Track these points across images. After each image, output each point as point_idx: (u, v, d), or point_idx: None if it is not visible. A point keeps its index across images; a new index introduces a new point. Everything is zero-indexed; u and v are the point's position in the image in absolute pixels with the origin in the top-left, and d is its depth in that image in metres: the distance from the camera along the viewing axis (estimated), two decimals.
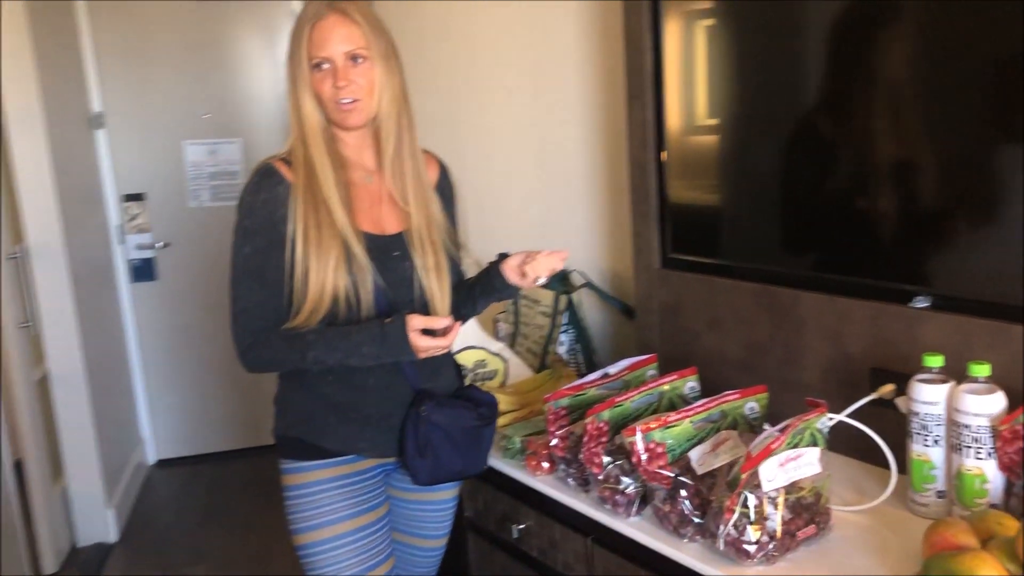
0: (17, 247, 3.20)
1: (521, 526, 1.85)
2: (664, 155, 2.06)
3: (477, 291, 1.78)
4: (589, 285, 2.41)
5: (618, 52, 2.32)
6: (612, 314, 2.49)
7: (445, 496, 1.83)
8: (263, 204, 1.61)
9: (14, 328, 3.07)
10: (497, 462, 1.87)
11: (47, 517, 3.24)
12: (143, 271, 4.22)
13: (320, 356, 1.60)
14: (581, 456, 1.65)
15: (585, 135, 2.53)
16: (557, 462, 1.72)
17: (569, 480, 1.70)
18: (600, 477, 1.58)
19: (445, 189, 1.82)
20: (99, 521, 3.52)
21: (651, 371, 1.83)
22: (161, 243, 4.21)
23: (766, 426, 1.59)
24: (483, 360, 2.21)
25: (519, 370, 2.25)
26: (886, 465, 1.64)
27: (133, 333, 4.26)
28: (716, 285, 1.98)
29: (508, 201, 2.86)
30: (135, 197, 4.16)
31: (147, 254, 4.22)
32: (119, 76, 4.06)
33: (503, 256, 1.77)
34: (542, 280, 1.70)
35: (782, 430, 1.40)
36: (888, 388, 1.62)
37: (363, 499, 1.69)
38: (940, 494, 1.48)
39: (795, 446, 1.40)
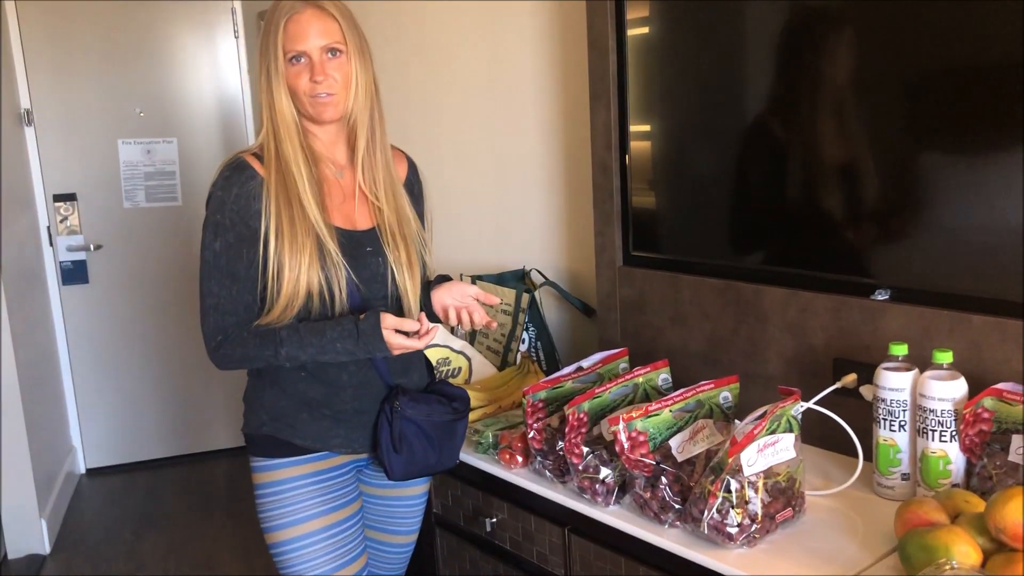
0: None
1: (494, 519, 1.87)
2: (628, 157, 2.11)
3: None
4: (549, 284, 2.44)
5: (577, 53, 2.37)
6: (570, 312, 2.53)
7: (416, 492, 1.83)
8: (235, 199, 1.59)
9: None
10: (468, 457, 1.88)
11: None
12: (74, 274, 4.09)
13: (293, 352, 1.59)
14: (560, 447, 1.67)
15: (542, 136, 2.56)
16: (534, 454, 1.73)
17: (546, 472, 1.72)
18: (580, 467, 1.61)
19: (414, 185, 1.83)
20: (32, 532, 3.39)
21: (623, 364, 1.87)
22: (93, 245, 4.09)
23: (736, 421, 1.64)
24: (447, 357, 2.22)
25: (482, 368, 2.26)
26: (848, 452, 1.72)
27: (63, 338, 4.12)
28: (679, 281, 2.03)
29: (463, 202, 2.87)
30: (66, 197, 4.04)
31: (78, 256, 4.09)
32: (48, 72, 3.94)
33: (442, 278, 1.79)
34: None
35: (760, 417, 1.45)
36: (851, 377, 1.69)
37: (336, 496, 1.68)
38: (905, 476, 1.55)
39: (772, 432, 1.45)
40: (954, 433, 1.47)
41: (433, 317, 1.74)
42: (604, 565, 1.62)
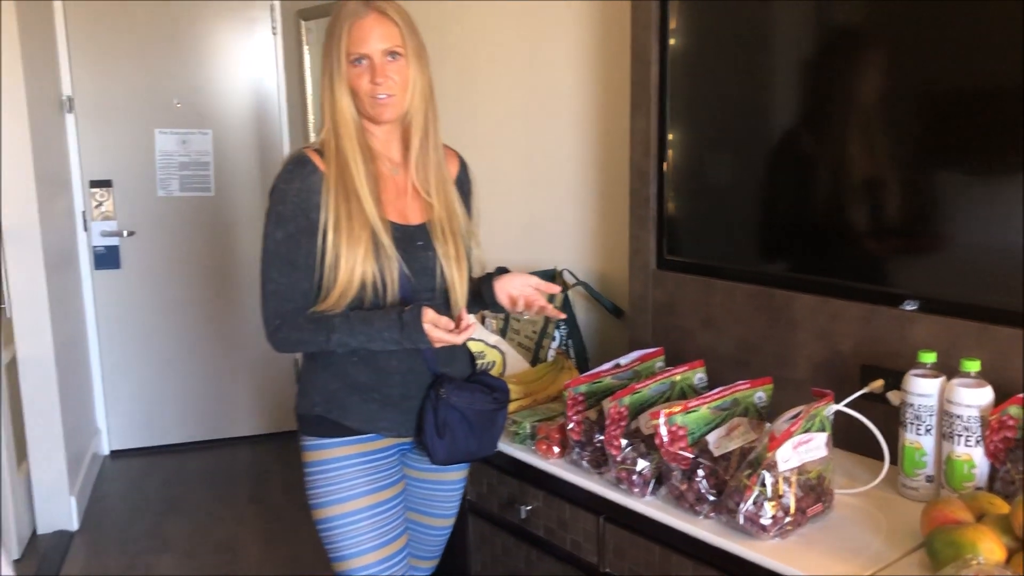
0: None
1: (528, 507, 1.94)
2: (665, 164, 2.18)
3: (469, 296, 1.86)
4: (581, 284, 2.51)
5: (615, 62, 2.45)
6: (598, 313, 2.60)
7: (456, 477, 1.91)
8: (296, 192, 1.68)
9: None
10: (505, 446, 1.95)
11: (11, 502, 3.20)
12: (107, 259, 4.18)
13: (344, 339, 1.67)
14: (598, 439, 1.75)
15: (576, 141, 2.64)
16: (572, 445, 1.81)
17: (583, 463, 1.79)
18: (618, 459, 1.68)
19: (464, 183, 1.91)
20: (61, 508, 3.48)
21: (659, 363, 1.94)
22: (126, 231, 4.18)
23: (767, 424, 1.71)
24: (481, 351, 2.30)
25: (515, 362, 2.34)
26: (872, 455, 1.78)
27: (93, 321, 4.21)
28: (712, 286, 2.10)
29: (496, 202, 2.94)
30: (102, 183, 4.13)
31: (111, 242, 4.18)
32: (90, 61, 4.03)
33: (501, 270, 1.87)
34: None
35: (796, 416, 1.52)
36: (878, 383, 1.76)
37: (381, 476, 1.76)
38: (929, 478, 1.62)
39: (807, 431, 1.53)
40: (979, 438, 1.54)
41: (497, 307, 1.81)
42: (638, 553, 1.70)
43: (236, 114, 4.28)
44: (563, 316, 1.79)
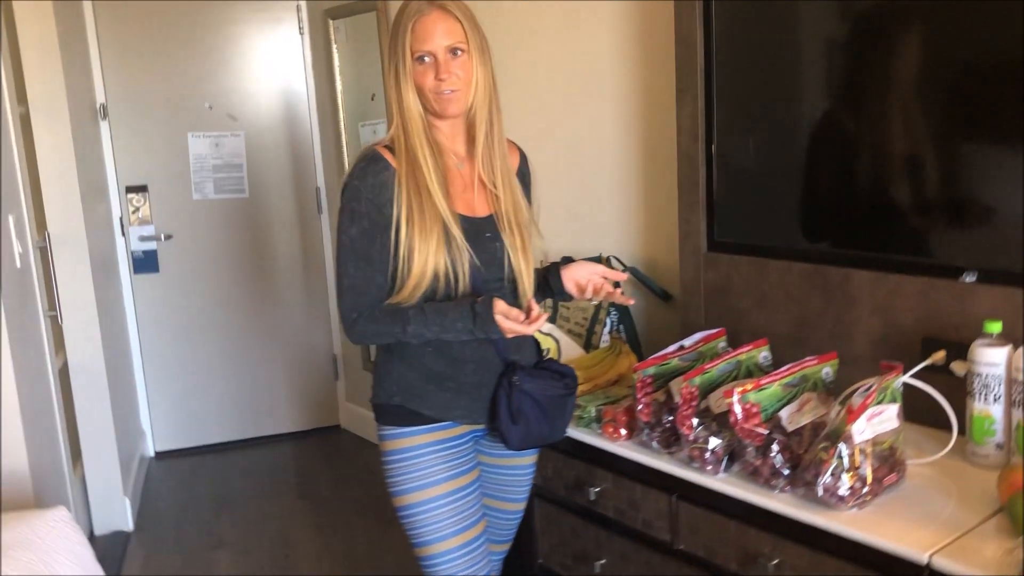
0: (40, 237, 3.22)
1: (597, 488, 1.98)
2: (713, 147, 2.21)
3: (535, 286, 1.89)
4: (629, 270, 2.55)
5: (657, 47, 2.48)
6: (645, 298, 2.63)
7: (527, 461, 1.95)
8: (370, 189, 1.72)
9: (43, 317, 3.09)
10: (570, 430, 2.00)
11: (70, 505, 3.26)
12: (145, 263, 4.24)
13: (418, 330, 1.71)
14: (666, 420, 1.79)
15: (619, 127, 2.67)
16: (641, 427, 1.85)
17: (653, 443, 1.83)
18: (690, 438, 1.72)
19: (525, 175, 1.95)
20: (117, 509, 3.55)
21: (721, 343, 1.98)
22: (163, 235, 4.23)
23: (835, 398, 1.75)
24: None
25: (569, 349, 2.38)
26: (937, 425, 1.81)
27: (134, 325, 4.27)
28: (765, 266, 2.14)
29: (541, 190, 2.98)
30: (138, 189, 4.18)
31: (149, 246, 4.24)
32: (122, 68, 4.08)
33: (567, 260, 1.91)
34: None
35: (870, 389, 1.56)
36: (940, 355, 1.79)
37: (458, 463, 1.81)
38: (999, 446, 1.65)
39: (879, 403, 1.56)
40: None
41: (564, 295, 1.85)
42: (712, 529, 1.74)
43: (267, 115, 4.33)
44: (631, 302, 1.83)
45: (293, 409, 4.56)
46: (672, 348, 1.91)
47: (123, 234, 4.21)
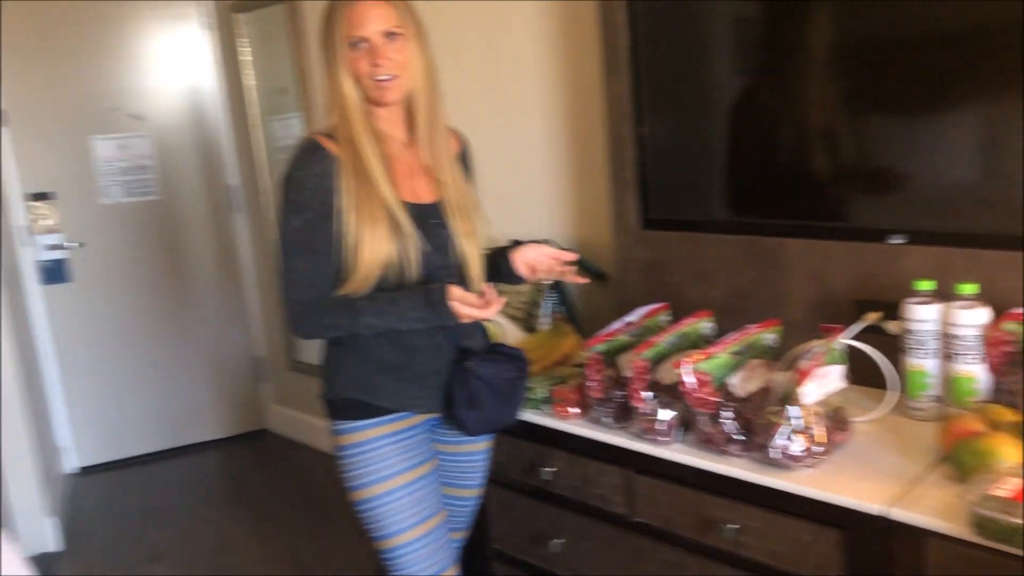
0: None
1: (551, 469, 2.00)
2: (642, 127, 2.25)
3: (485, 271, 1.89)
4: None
5: (583, 27, 2.50)
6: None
7: (482, 447, 1.95)
8: (312, 178, 1.68)
9: None
10: (521, 413, 2.00)
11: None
12: (55, 273, 4.06)
13: (371, 321, 1.69)
14: (617, 395, 1.82)
15: (544, 112, 2.69)
16: (592, 404, 1.87)
17: (605, 419, 1.85)
18: (643, 411, 1.75)
19: (466, 160, 1.94)
20: (42, 530, 3.40)
21: (664, 317, 2.01)
22: (76, 243, 4.06)
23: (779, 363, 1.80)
24: None
25: (512, 332, 2.39)
26: (873, 384, 1.88)
27: (49, 338, 4.10)
28: (699, 240, 2.19)
29: None
30: (42, 196, 4.00)
31: (58, 255, 4.06)
32: (21, 71, 3.89)
33: (516, 243, 1.91)
34: (547, 281, 1.86)
35: (815, 352, 1.61)
36: (875, 315, 1.87)
37: (415, 453, 1.79)
38: (935, 398, 1.73)
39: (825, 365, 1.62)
40: (980, 355, 1.65)
41: (515, 279, 1.86)
42: (670, 499, 1.77)
43: (174, 114, 4.20)
44: (585, 280, 1.85)
45: (218, 415, 4.45)
46: (619, 324, 1.94)
47: (27, 244, 4.02)
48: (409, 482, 1.77)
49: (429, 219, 1.76)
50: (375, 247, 1.68)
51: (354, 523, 3.27)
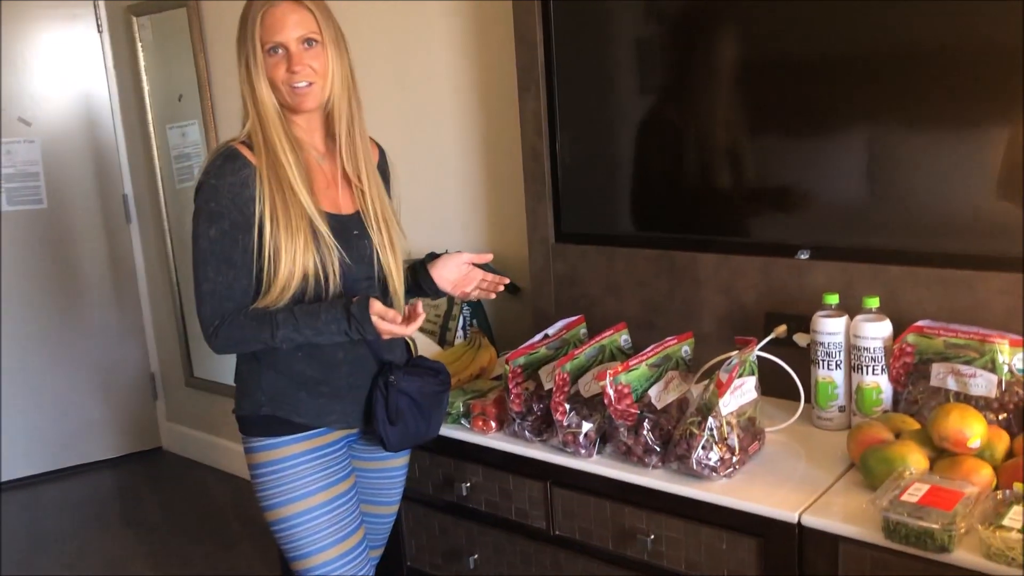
0: None
1: (468, 484, 1.98)
2: (557, 142, 2.27)
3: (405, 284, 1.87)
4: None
5: (496, 41, 2.51)
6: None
7: (401, 463, 1.92)
8: (229, 187, 1.63)
9: None
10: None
11: None
12: None
13: (289, 335, 1.64)
14: (537, 408, 1.82)
15: (462, 123, 2.68)
16: (513, 417, 1.87)
17: (525, 432, 1.85)
18: (564, 423, 1.76)
19: (385, 171, 1.92)
20: None
21: (583, 330, 2.03)
22: None
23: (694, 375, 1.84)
24: None
25: (426, 346, 2.36)
26: (782, 395, 1.94)
27: None
28: (613, 254, 2.22)
29: None
30: None
31: None
32: None
33: (432, 256, 1.90)
34: (476, 296, 1.87)
35: (733, 363, 1.65)
36: (782, 328, 1.92)
37: (334, 470, 1.75)
38: (841, 408, 1.80)
39: (740, 376, 1.66)
40: (884, 367, 1.73)
41: (439, 294, 1.84)
42: (588, 511, 1.78)
43: (65, 119, 4.01)
44: (507, 280, 1.86)
45: (110, 433, 4.26)
46: (538, 337, 1.94)
47: None
48: (328, 499, 1.73)
49: (351, 230, 1.73)
50: (294, 258, 1.63)
51: (255, 545, 3.22)
